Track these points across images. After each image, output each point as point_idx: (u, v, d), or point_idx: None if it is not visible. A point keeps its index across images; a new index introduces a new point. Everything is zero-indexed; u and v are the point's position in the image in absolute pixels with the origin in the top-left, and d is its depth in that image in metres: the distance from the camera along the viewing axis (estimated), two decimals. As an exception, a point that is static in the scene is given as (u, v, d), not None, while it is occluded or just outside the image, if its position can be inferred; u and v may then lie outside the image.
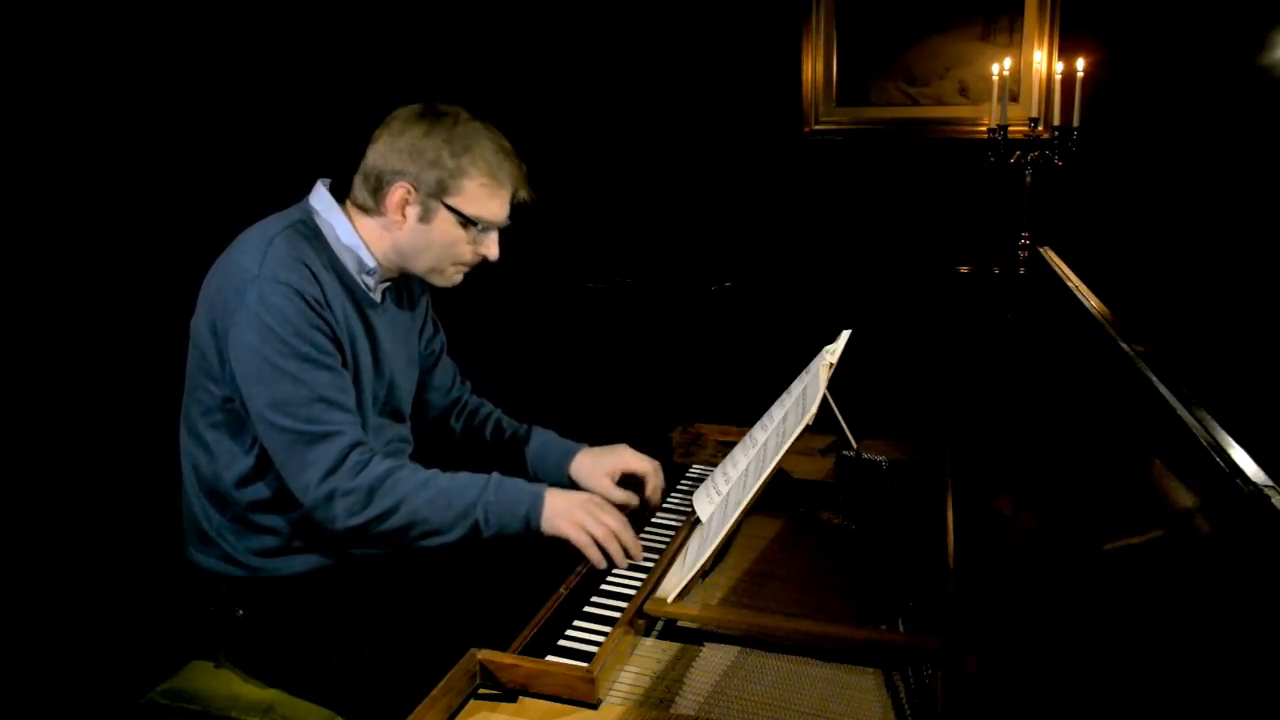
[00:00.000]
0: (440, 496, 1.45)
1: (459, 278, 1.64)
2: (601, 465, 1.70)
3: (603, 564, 1.45)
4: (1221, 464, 0.82)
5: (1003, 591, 1.33)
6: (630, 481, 1.69)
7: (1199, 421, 0.91)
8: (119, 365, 2.65)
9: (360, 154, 1.58)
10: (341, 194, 1.60)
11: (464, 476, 1.50)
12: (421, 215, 1.54)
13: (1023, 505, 1.52)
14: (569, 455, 1.75)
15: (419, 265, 1.60)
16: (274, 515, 1.55)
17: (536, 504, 1.47)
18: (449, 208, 1.53)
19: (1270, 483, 0.76)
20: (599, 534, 1.44)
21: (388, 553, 1.60)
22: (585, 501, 1.48)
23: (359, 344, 1.57)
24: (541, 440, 1.81)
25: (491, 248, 1.60)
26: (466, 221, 1.55)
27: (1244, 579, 0.72)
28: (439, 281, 1.63)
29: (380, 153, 1.54)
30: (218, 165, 3.01)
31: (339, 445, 1.44)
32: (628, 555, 1.47)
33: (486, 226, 1.57)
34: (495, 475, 1.51)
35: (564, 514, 1.46)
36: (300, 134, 3.23)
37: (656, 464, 1.70)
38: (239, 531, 1.57)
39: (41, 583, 2.39)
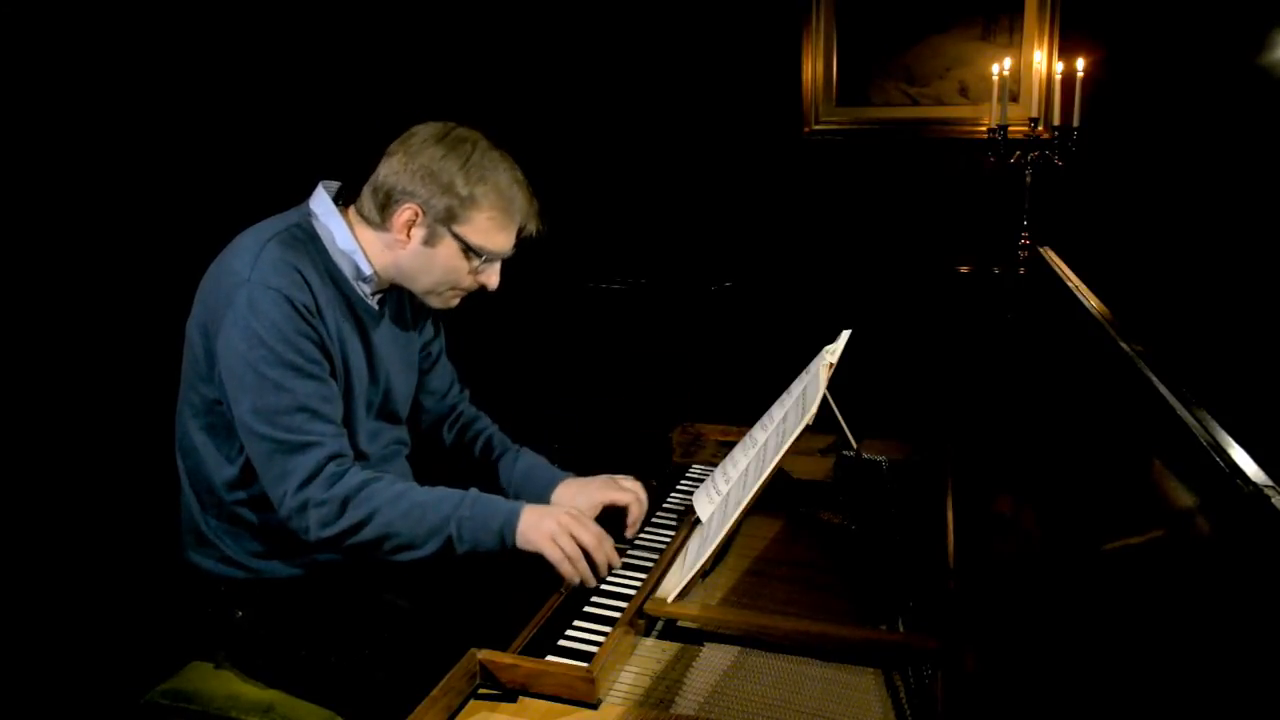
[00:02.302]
0: (414, 510, 1.43)
1: (455, 302, 1.63)
2: (580, 500, 1.63)
3: (576, 581, 1.43)
4: (1221, 464, 0.82)
5: (1003, 591, 1.33)
6: (615, 512, 1.63)
7: (1199, 421, 0.91)
8: (120, 367, 2.65)
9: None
10: (345, 198, 1.59)
11: (440, 491, 1.48)
12: (426, 239, 1.53)
13: (1023, 505, 1.52)
14: (553, 484, 1.70)
15: (417, 286, 1.59)
16: (267, 519, 1.54)
17: (512, 519, 1.45)
18: (455, 235, 1.52)
19: (1270, 483, 0.76)
20: (571, 551, 1.42)
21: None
22: (562, 516, 1.45)
23: (352, 351, 1.56)
24: (528, 464, 1.76)
25: (492, 278, 1.59)
26: (471, 251, 1.53)
27: (1244, 579, 0.72)
28: (435, 304, 1.62)
29: (394, 169, 1.52)
30: (219, 166, 3.01)
31: (317, 457, 1.42)
32: (610, 568, 1.45)
33: (490, 258, 1.56)
34: (473, 491, 1.49)
35: (538, 528, 1.43)
36: (302, 135, 3.23)
37: (641, 496, 1.63)
38: (235, 534, 1.57)
39: (42, 583, 2.39)
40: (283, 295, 1.43)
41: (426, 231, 1.52)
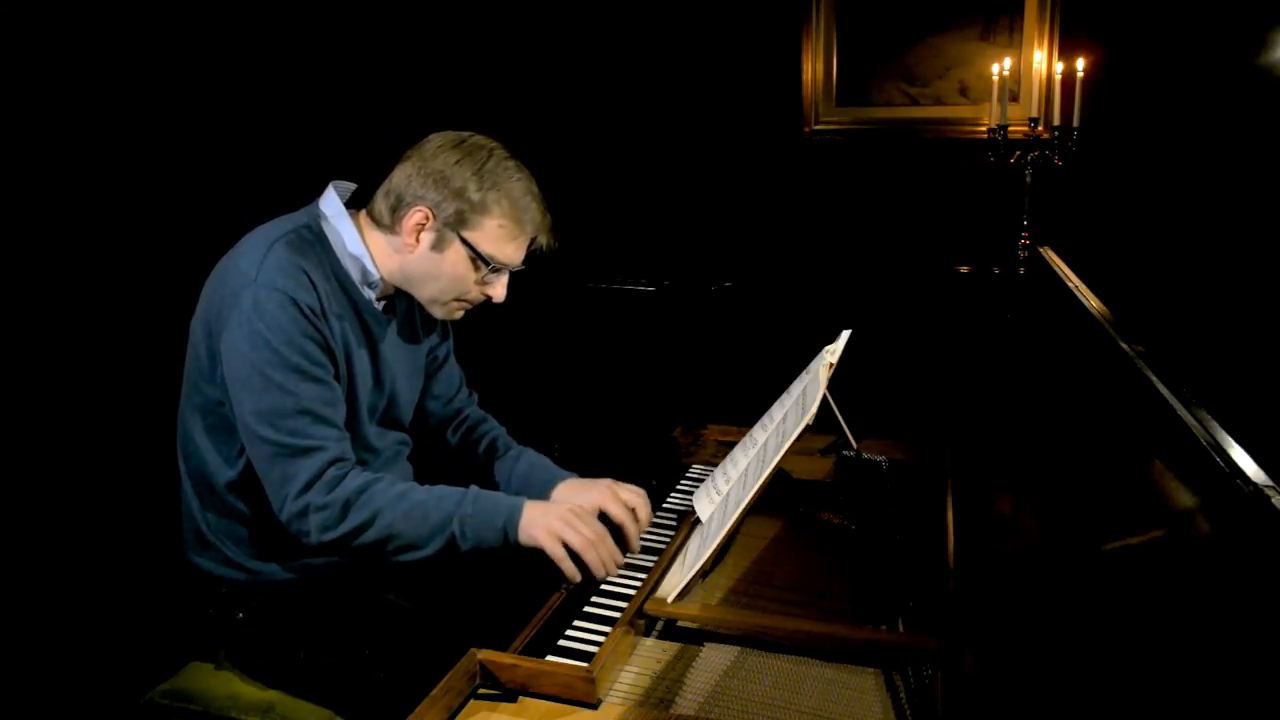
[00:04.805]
0: (416, 509, 1.42)
1: (460, 314, 1.61)
2: (578, 500, 1.58)
3: (578, 577, 1.41)
4: (1221, 464, 0.82)
5: (1002, 591, 1.33)
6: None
7: (1199, 421, 0.91)
8: (122, 366, 2.65)
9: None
10: (356, 201, 1.58)
11: (441, 489, 1.47)
12: (435, 243, 1.51)
13: (1023, 505, 1.52)
14: (552, 484, 1.67)
15: (422, 293, 1.57)
16: (268, 521, 1.52)
17: (514, 514, 1.43)
18: (464, 242, 1.50)
19: (1270, 483, 0.76)
20: (576, 544, 1.40)
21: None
22: (564, 512, 1.43)
23: (356, 355, 1.55)
24: (529, 464, 1.74)
25: (499, 290, 1.57)
26: (479, 259, 1.51)
27: (1244, 579, 0.72)
28: (438, 314, 1.59)
29: (407, 173, 1.50)
30: (227, 165, 3.01)
31: (319, 461, 1.41)
32: (607, 568, 1.43)
33: (498, 268, 1.54)
34: (473, 488, 1.48)
35: (540, 523, 1.42)
36: (311, 136, 3.23)
37: (642, 513, 1.57)
38: (236, 536, 1.56)
39: (43, 583, 2.39)
40: (288, 297, 1.42)
41: (435, 236, 1.50)
